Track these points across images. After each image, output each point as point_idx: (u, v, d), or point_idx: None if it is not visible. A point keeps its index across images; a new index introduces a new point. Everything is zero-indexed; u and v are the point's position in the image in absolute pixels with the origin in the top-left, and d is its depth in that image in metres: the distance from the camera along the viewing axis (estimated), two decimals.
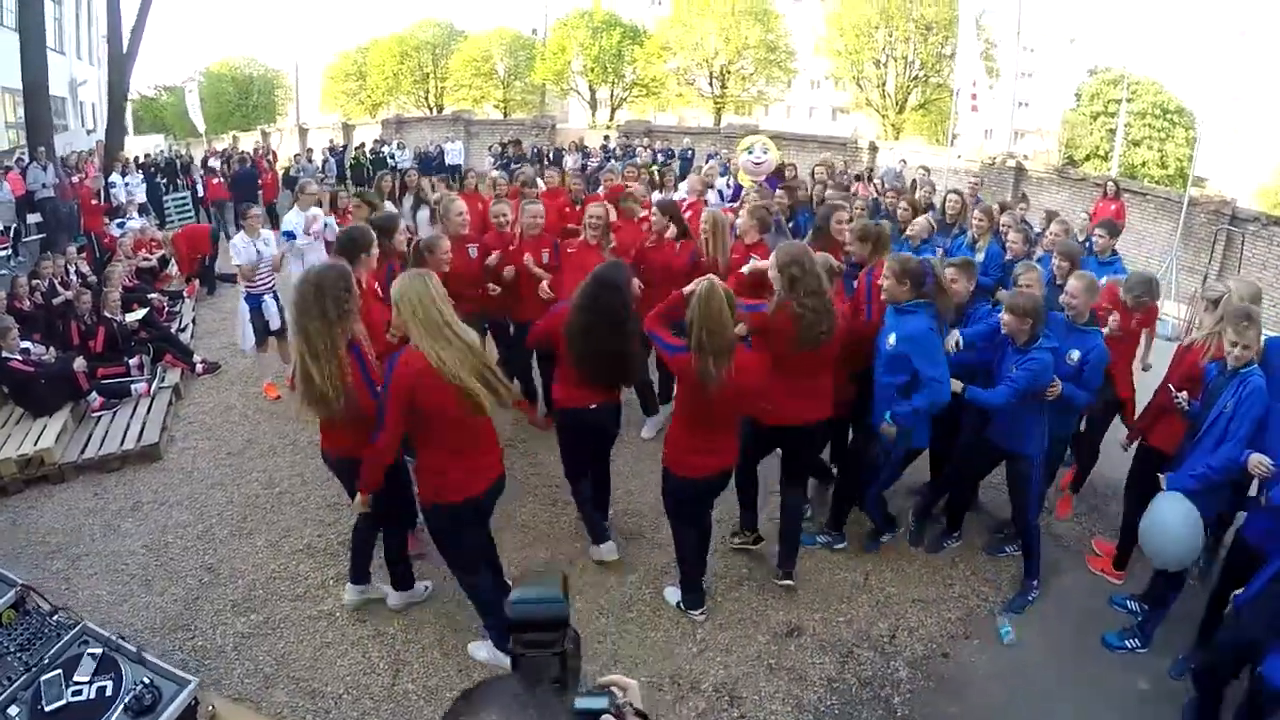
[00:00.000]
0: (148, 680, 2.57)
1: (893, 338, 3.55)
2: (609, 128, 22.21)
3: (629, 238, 5.19)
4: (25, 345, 5.73)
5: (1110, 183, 10.51)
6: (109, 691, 2.54)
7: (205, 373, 6.74)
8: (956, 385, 3.60)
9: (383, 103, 32.77)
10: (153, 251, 9.91)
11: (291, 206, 6.31)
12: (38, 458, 4.95)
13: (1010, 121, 16.80)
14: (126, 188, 12.12)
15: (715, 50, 27.88)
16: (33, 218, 10.73)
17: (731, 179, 9.21)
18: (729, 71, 28.48)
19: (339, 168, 16.87)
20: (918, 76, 25.93)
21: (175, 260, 9.80)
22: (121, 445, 5.23)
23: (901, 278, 3.51)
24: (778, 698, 3.25)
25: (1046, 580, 3.96)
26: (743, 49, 27.83)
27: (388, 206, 6.24)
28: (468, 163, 17.47)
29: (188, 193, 14.37)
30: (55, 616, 2.91)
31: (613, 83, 30.19)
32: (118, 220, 10.79)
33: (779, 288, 3.34)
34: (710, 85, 28.93)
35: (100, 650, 2.67)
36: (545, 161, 15.77)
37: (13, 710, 2.50)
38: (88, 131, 18.40)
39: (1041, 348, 3.53)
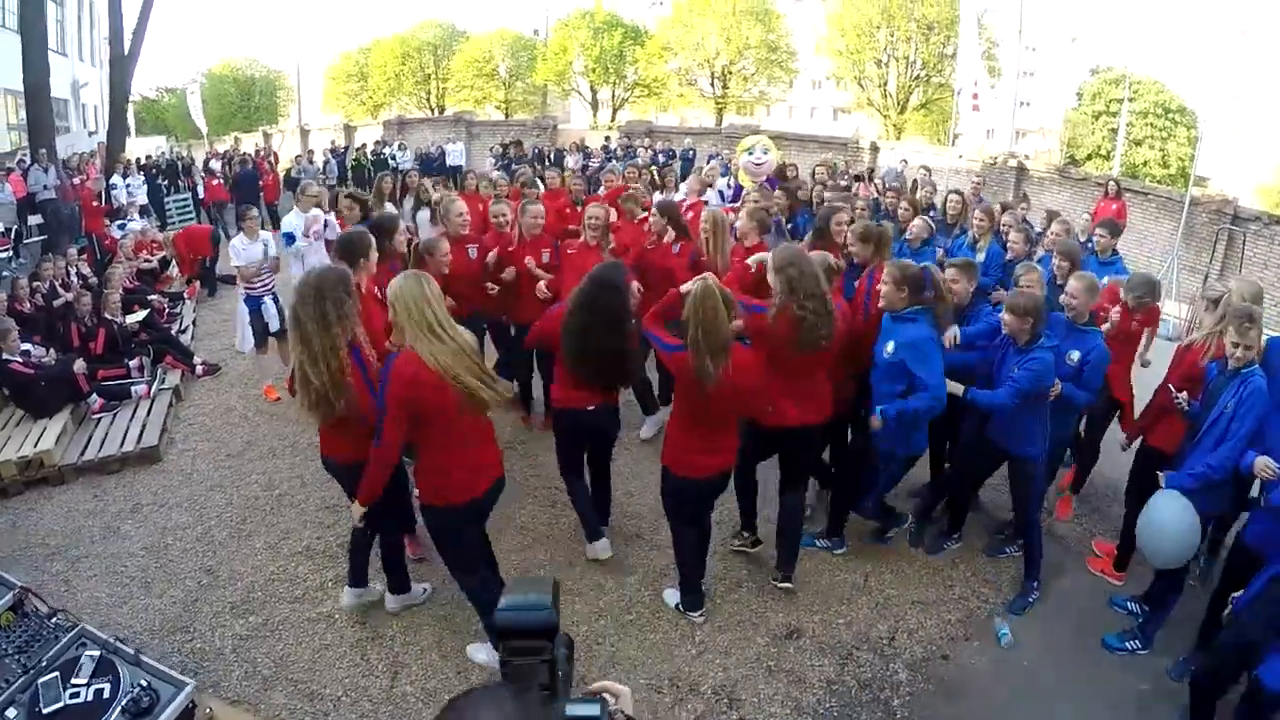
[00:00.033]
0: (145, 682, 2.57)
1: (891, 345, 3.53)
2: (610, 128, 22.21)
3: (629, 238, 5.19)
4: (25, 347, 5.74)
5: (1112, 182, 10.48)
6: (106, 694, 2.54)
7: (205, 374, 6.75)
8: (958, 388, 3.58)
9: (384, 104, 32.81)
10: (153, 253, 9.92)
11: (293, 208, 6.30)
12: (38, 459, 4.96)
13: (1012, 121, 16.78)
14: (128, 189, 12.14)
15: (716, 50, 27.89)
16: (34, 219, 10.75)
17: (732, 179, 9.20)
18: (730, 72, 28.49)
19: (340, 169, 16.89)
20: (919, 76, 25.93)
21: (176, 262, 9.81)
22: (121, 447, 5.24)
23: (900, 284, 3.49)
24: (777, 700, 3.24)
25: (1046, 581, 3.95)
26: (744, 49, 27.84)
27: (388, 208, 6.24)
28: (469, 164, 17.49)
29: (189, 194, 14.39)
30: (53, 619, 2.91)
31: (614, 83, 30.22)
32: (119, 222, 10.80)
33: (777, 290, 3.33)
34: (711, 85, 28.94)
35: (98, 652, 2.67)
36: (546, 162, 15.77)
37: (11, 712, 2.51)
38: (89, 133, 18.44)
39: (1043, 347, 3.51)
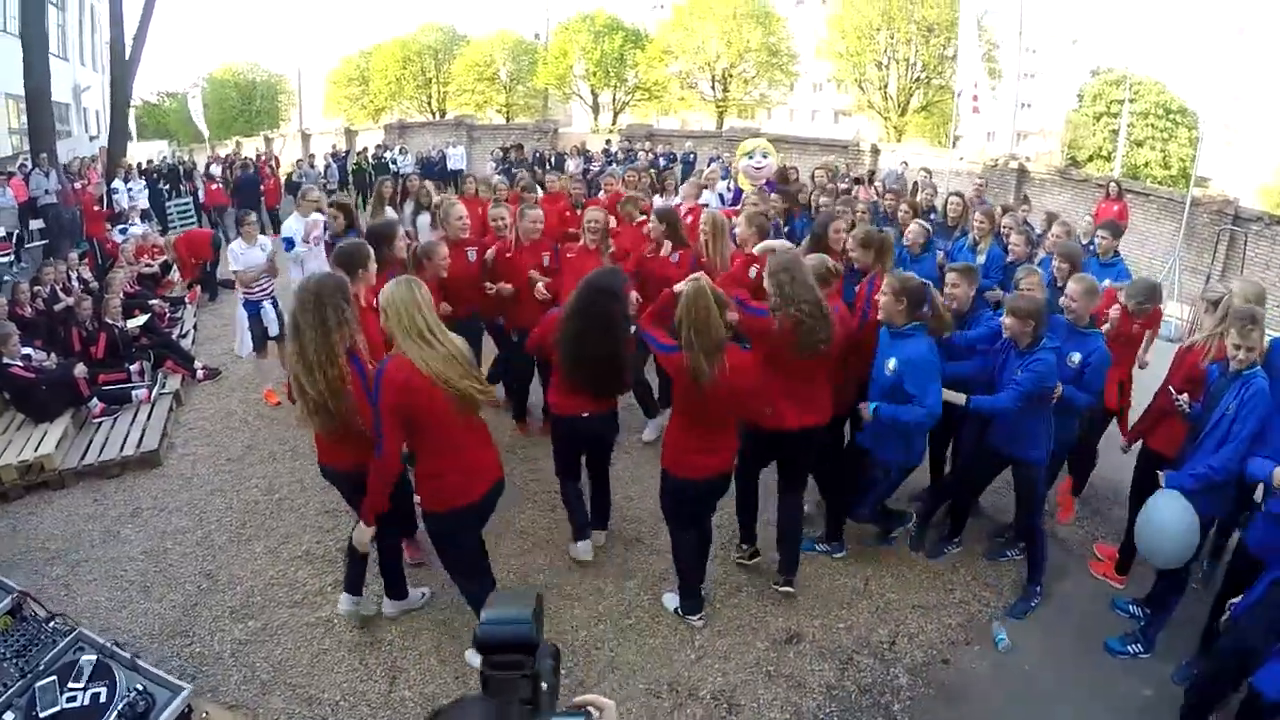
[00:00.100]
0: (141, 687, 2.57)
1: (892, 363, 3.49)
2: (611, 132, 22.25)
3: (628, 242, 5.18)
4: (26, 351, 5.74)
5: (1113, 183, 10.47)
6: (103, 698, 2.53)
7: (206, 379, 6.75)
8: (959, 399, 3.56)
9: (385, 108, 32.93)
10: (155, 257, 9.92)
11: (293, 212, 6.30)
12: (38, 464, 4.96)
13: (1012, 123, 16.75)
14: (129, 194, 12.18)
15: (717, 54, 27.97)
16: (35, 224, 10.77)
17: (732, 182, 9.20)
18: (731, 75, 28.56)
19: (341, 173, 16.95)
20: (919, 78, 25.96)
21: (177, 265, 9.83)
22: (121, 451, 5.24)
23: (899, 296, 3.44)
24: (776, 705, 3.22)
25: (1048, 585, 3.93)
26: (744, 52, 27.91)
27: (388, 212, 6.25)
28: (470, 167, 17.54)
29: (190, 198, 14.42)
30: (51, 623, 2.91)
31: (615, 86, 30.31)
32: (120, 226, 10.81)
33: (771, 294, 3.33)
34: (712, 89, 29.01)
35: (95, 657, 2.67)
36: (547, 165, 15.78)
37: (8, 716, 2.51)
38: (91, 137, 18.49)
39: (1045, 348, 3.49)
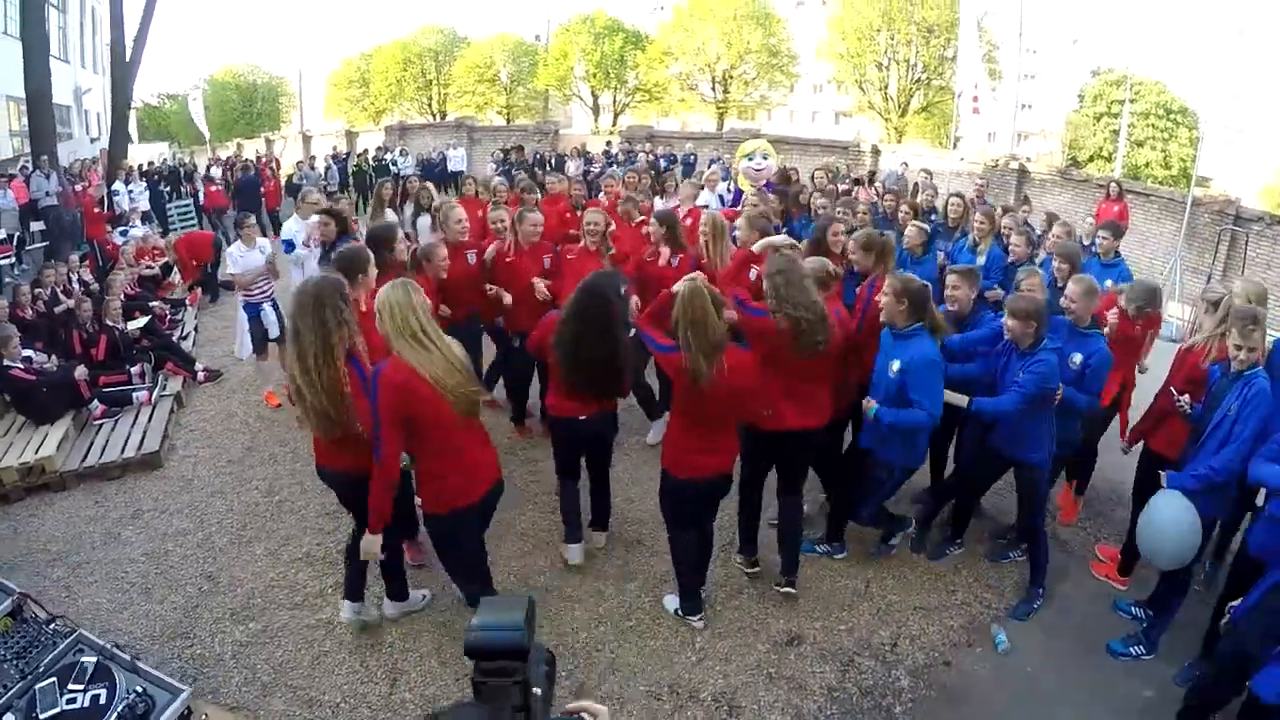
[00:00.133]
0: (141, 689, 2.57)
1: (896, 364, 3.45)
2: (612, 133, 22.26)
3: (627, 243, 5.19)
4: (27, 353, 5.74)
5: (1113, 184, 10.46)
6: (103, 700, 2.54)
7: (207, 380, 6.75)
8: (961, 400, 3.54)
9: (386, 109, 32.95)
10: (155, 259, 9.93)
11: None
12: (39, 466, 4.96)
13: (1013, 123, 16.76)
14: (130, 195, 12.17)
15: (717, 55, 27.98)
16: (36, 226, 10.77)
17: (732, 184, 9.20)
18: (731, 76, 28.58)
19: (342, 175, 16.95)
20: (920, 79, 25.96)
21: (178, 267, 9.83)
22: (122, 453, 5.24)
23: (900, 297, 3.41)
24: (777, 707, 3.22)
25: (1050, 586, 3.92)
26: (745, 53, 27.93)
27: (388, 215, 6.25)
28: (471, 169, 17.55)
29: (191, 200, 14.42)
30: (51, 625, 2.91)
31: (615, 88, 30.33)
32: (120, 228, 10.82)
33: (768, 295, 3.32)
34: (713, 90, 29.02)
35: (95, 659, 2.67)
36: (547, 167, 15.79)
37: (8, 717, 2.51)
38: (92, 139, 18.48)
39: (1047, 349, 3.47)
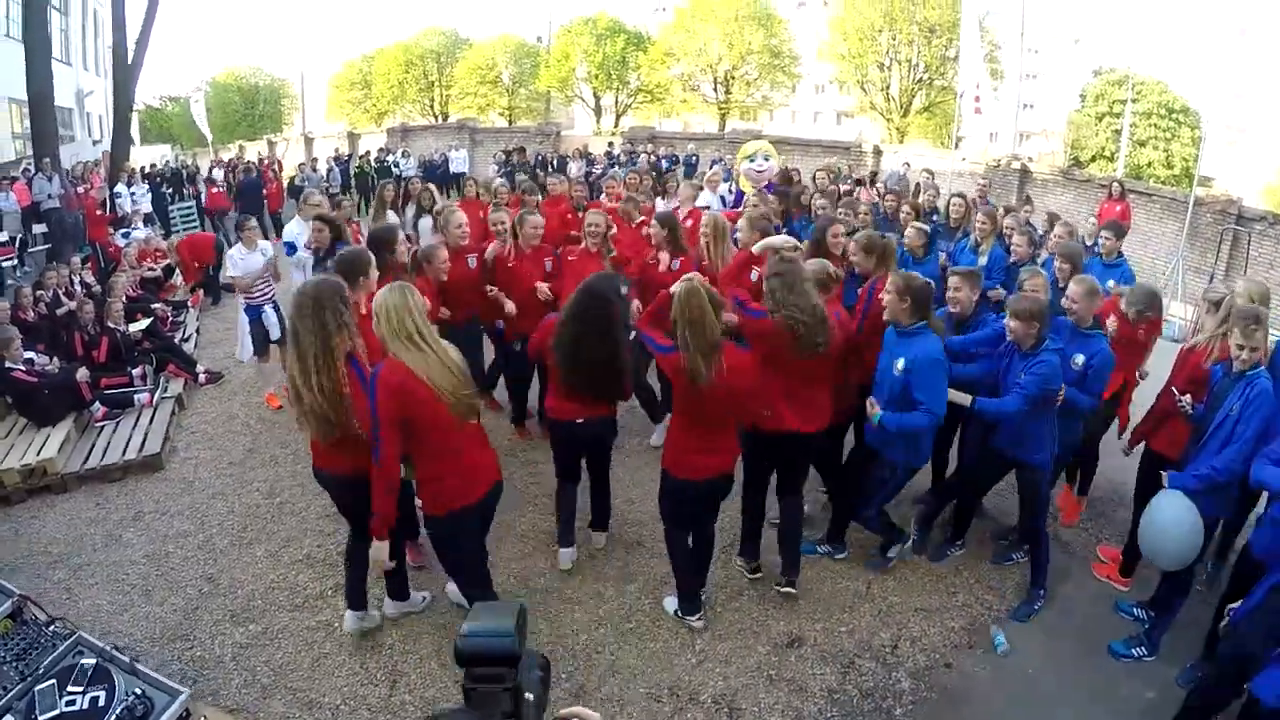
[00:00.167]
0: (140, 691, 2.56)
1: (900, 363, 3.42)
2: (614, 134, 22.25)
3: (627, 245, 5.19)
4: (29, 355, 5.75)
5: (1115, 183, 10.44)
6: (101, 702, 2.53)
7: (208, 383, 6.76)
8: (965, 399, 3.53)
9: (388, 111, 32.97)
10: (157, 261, 9.95)
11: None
12: (40, 468, 4.97)
13: (1015, 123, 16.75)
14: (132, 198, 12.19)
15: (719, 56, 27.96)
16: (38, 228, 10.81)
17: (733, 185, 9.20)
18: (733, 77, 28.55)
19: (344, 177, 16.96)
20: (922, 79, 25.92)
21: (180, 269, 9.85)
22: (124, 455, 5.25)
23: (903, 295, 3.39)
24: (777, 709, 3.21)
25: (1051, 587, 3.90)
26: (746, 54, 27.90)
27: (390, 216, 6.26)
28: (473, 170, 17.55)
29: (193, 202, 14.46)
30: (51, 626, 2.91)
31: (617, 89, 30.32)
32: (123, 230, 10.85)
33: (767, 297, 3.32)
34: (714, 91, 29.00)
35: (94, 661, 2.66)
36: (549, 168, 15.80)
37: (8, 719, 2.50)
38: (94, 142, 18.53)
39: (1049, 349, 3.46)
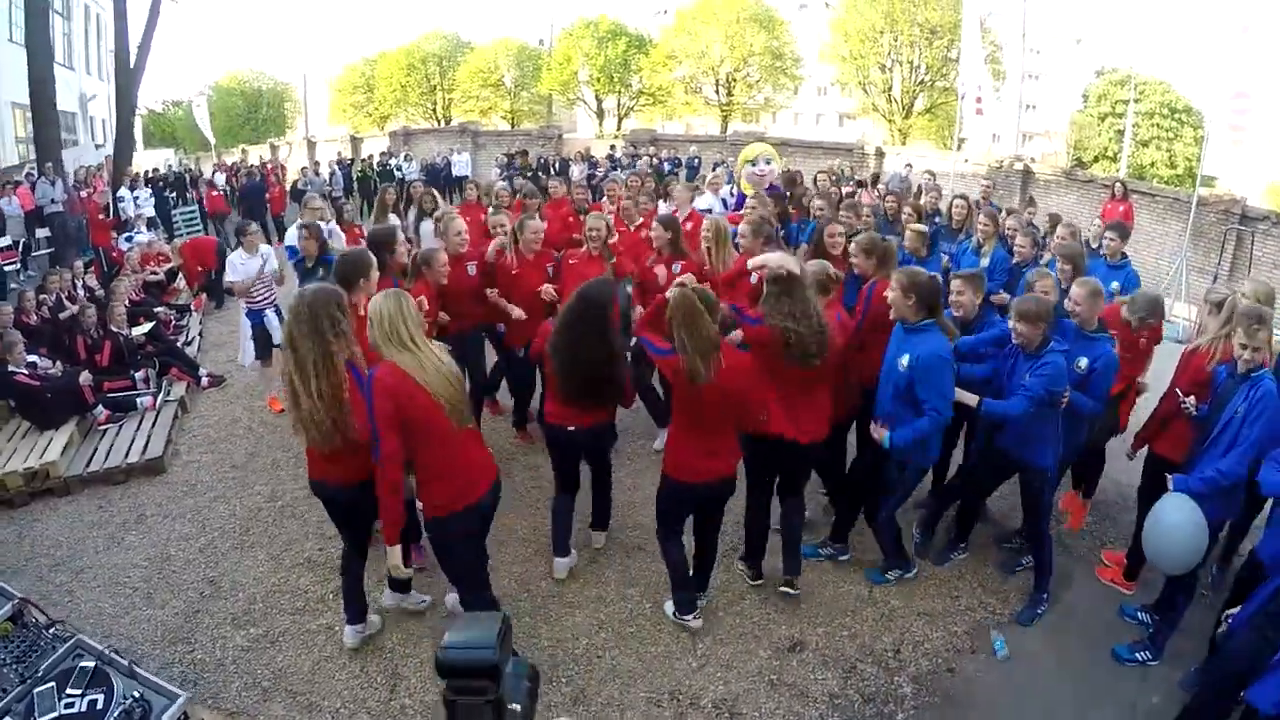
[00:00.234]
0: (138, 694, 2.57)
1: (905, 359, 3.39)
2: (616, 137, 22.28)
3: (627, 247, 5.18)
4: (32, 359, 5.78)
5: (1118, 184, 10.42)
6: (100, 705, 2.55)
7: (211, 386, 6.77)
8: (971, 399, 3.51)
9: (390, 115, 33.08)
10: (160, 265, 9.97)
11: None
12: (43, 471, 4.98)
13: (1017, 124, 16.75)
14: (135, 202, 12.23)
15: (721, 58, 28.00)
16: (41, 232, 10.87)
17: (735, 187, 9.19)
18: (735, 79, 28.58)
19: (346, 180, 17.00)
20: (924, 81, 25.91)
21: (183, 273, 9.87)
22: (126, 459, 5.26)
23: (908, 291, 3.36)
24: (779, 714, 3.19)
25: (1055, 592, 3.88)
26: (748, 56, 27.94)
27: (391, 219, 6.27)
28: (475, 174, 17.58)
29: (196, 206, 14.50)
30: (51, 629, 2.92)
31: (619, 92, 30.39)
32: (125, 234, 10.88)
33: (764, 306, 3.31)
34: (716, 93, 29.03)
35: (93, 663, 2.67)
36: (551, 171, 15.82)
37: None
38: (97, 146, 18.58)
39: (1053, 350, 3.43)
